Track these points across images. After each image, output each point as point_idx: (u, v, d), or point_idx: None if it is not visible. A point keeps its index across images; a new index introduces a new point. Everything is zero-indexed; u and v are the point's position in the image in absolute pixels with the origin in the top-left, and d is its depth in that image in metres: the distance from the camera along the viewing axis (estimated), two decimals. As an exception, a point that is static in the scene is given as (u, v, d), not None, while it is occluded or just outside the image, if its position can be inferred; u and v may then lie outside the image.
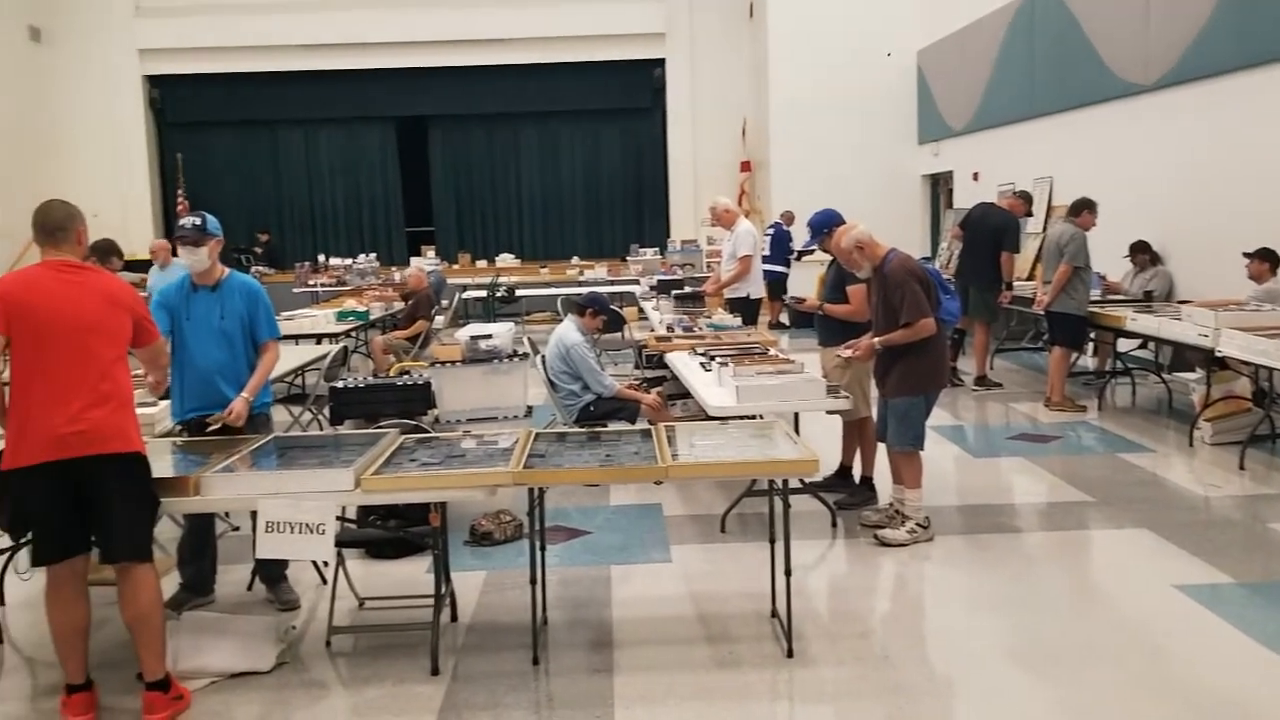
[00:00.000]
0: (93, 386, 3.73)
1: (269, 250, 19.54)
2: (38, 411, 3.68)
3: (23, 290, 3.74)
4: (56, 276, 3.80)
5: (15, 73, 18.86)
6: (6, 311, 3.69)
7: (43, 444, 3.67)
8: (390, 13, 19.57)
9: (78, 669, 3.83)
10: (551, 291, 14.98)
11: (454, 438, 4.81)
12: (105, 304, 3.84)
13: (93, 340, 3.76)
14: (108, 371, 3.79)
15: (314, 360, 8.28)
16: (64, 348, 3.71)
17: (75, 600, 3.82)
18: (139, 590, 3.84)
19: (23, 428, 3.69)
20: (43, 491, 3.70)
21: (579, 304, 7.30)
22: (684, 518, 6.21)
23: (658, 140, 20.88)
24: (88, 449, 3.70)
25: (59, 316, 3.72)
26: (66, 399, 3.69)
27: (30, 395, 3.69)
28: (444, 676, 4.14)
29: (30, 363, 3.70)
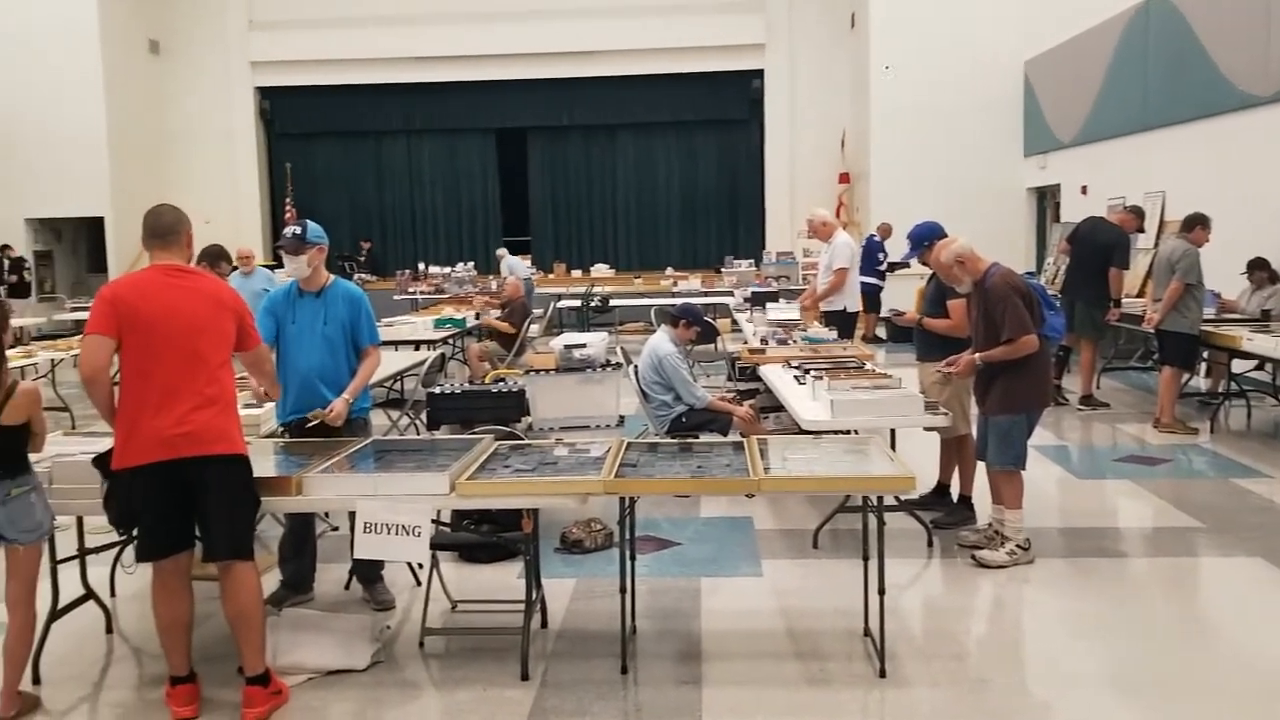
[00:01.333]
0: (199, 390, 3.82)
1: (371, 258, 20.02)
2: (146, 413, 3.77)
3: (134, 294, 3.83)
4: (165, 281, 3.89)
5: (135, 84, 19.70)
6: (118, 315, 3.78)
7: (151, 445, 3.77)
8: (492, 26, 19.92)
9: (181, 661, 3.95)
10: (645, 302, 15.03)
11: (547, 445, 4.85)
12: (212, 308, 3.93)
13: (200, 344, 3.85)
14: (214, 375, 3.88)
15: (412, 366, 8.44)
16: (173, 351, 3.80)
17: (179, 594, 3.94)
18: (240, 587, 3.94)
19: (132, 429, 3.79)
20: (150, 491, 3.80)
21: (673, 315, 7.30)
22: (775, 532, 6.15)
23: (755, 151, 20.83)
24: (193, 450, 3.80)
25: (168, 321, 3.81)
26: (174, 401, 3.78)
27: (139, 397, 3.79)
28: (533, 682, 4.16)
29: (140, 365, 3.79)
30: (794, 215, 19.45)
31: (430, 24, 19.97)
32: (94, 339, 3.78)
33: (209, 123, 20.75)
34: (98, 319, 3.79)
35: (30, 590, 4.00)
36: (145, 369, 3.78)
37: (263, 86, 21.10)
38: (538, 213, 21.97)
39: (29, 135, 18.45)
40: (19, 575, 3.97)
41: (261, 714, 3.87)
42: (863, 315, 11.95)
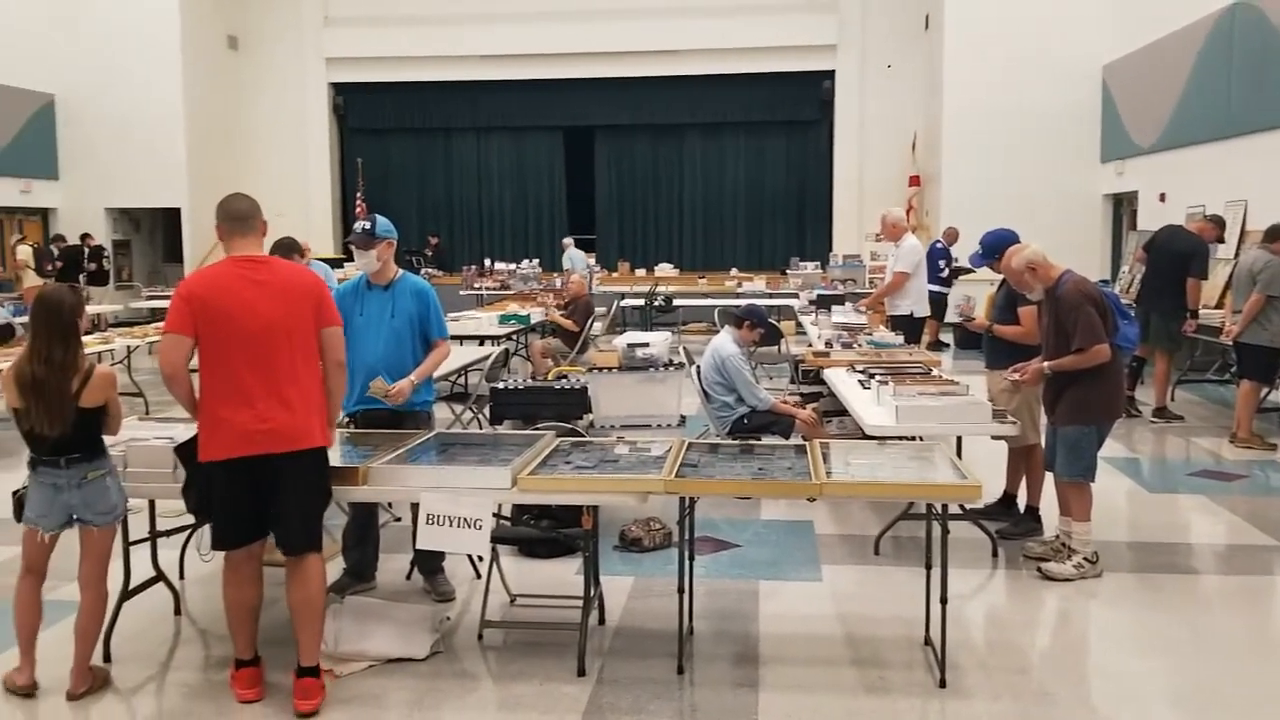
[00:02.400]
0: (279, 385, 3.85)
1: (438, 253, 20.23)
2: (227, 408, 3.81)
3: (209, 291, 3.84)
4: (241, 275, 3.88)
5: (213, 78, 20.15)
6: (194, 313, 3.80)
7: (232, 440, 3.81)
8: (563, 25, 20.03)
9: (247, 645, 4.02)
10: (709, 302, 14.99)
11: (608, 443, 4.85)
12: (289, 299, 3.90)
13: (277, 339, 3.86)
14: (294, 369, 3.89)
15: (476, 361, 8.50)
16: (250, 348, 3.82)
17: (251, 582, 4.01)
18: (309, 578, 3.99)
19: (213, 423, 3.83)
20: (230, 483, 3.86)
21: (736, 316, 7.27)
22: (836, 537, 6.10)
23: (823, 153, 20.68)
24: (273, 447, 3.84)
25: (245, 318, 3.81)
26: (253, 398, 3.81)
27: (219, 392, 3.82)
28: (590, 678, 4.17)
29: (218, 361, 3.82)
30: (862, 218, 19.29)
31: (502, 22, 20.14)
32: (172, 338, 3.82)
33: (283, 117, 21.15)
34: (175, 318, 3.82)
35: (102, 571, 4.10)
36: (224, 365, 3.82)
37: (336, 82, 21.45)
38: (603, 211, 22.05)
39: (111, 127, 18.97)
40: (92, 555, 4.07)
41: (315, 706, 3.91)
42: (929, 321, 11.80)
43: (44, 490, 3.94)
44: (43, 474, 3.94)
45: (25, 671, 4.01)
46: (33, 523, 3.96)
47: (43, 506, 3.94)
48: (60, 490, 3.93)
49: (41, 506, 3.94)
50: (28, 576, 4.04)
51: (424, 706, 3.99)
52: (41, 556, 4.02)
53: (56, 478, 3.93)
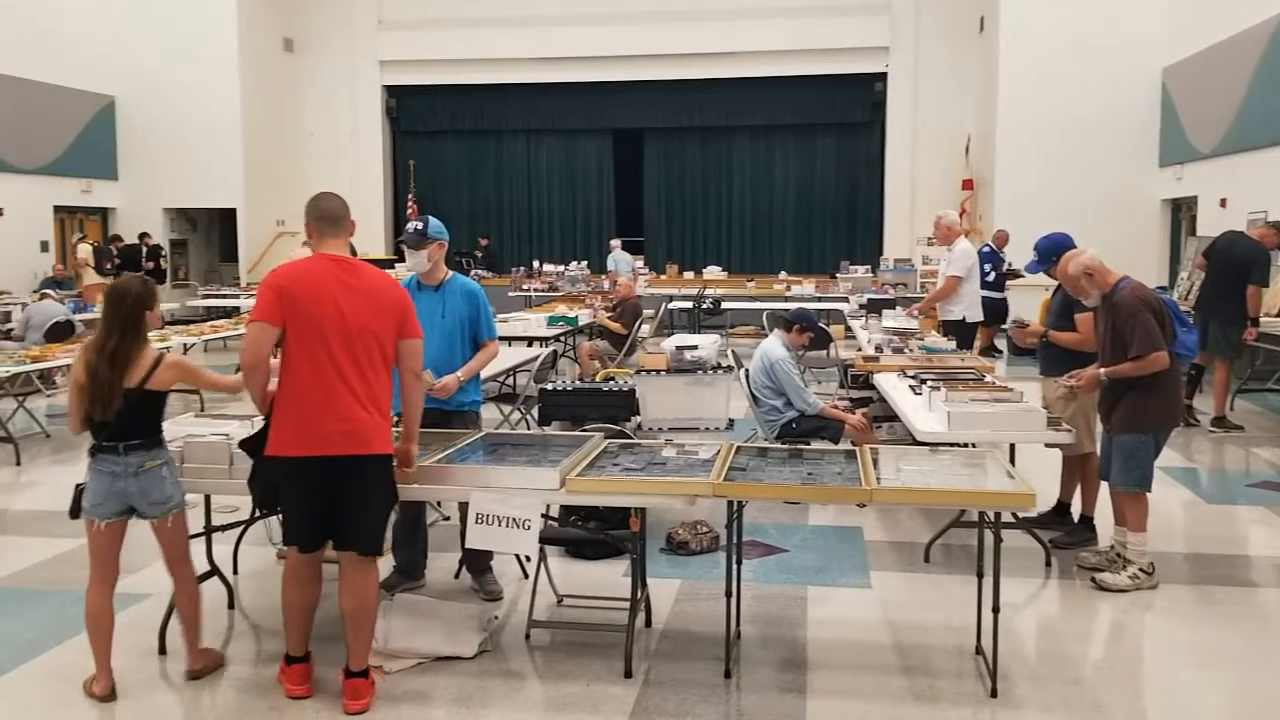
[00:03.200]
0: (360, 387, 3.82)
1: (488, 254, 20.35)
2: (308, 406, 3.77)
3: (300, 286, 3.79)
4: (333, 274, 3.84)
5: (270, 81, 20.46)
6: (283, 305, 3.76)
7: (311, 439, 3.78)
8: (613, 28, 20.09)
9: (301, 642, 4.04)
10: (757, 305, 14.93)
11: (656, 445, 4.85)
12: (377, 305, 3.88)
13: (364, 341, 3.83)
14: (376, 373, 3.89)
15: (525, 362, 8.55)
16: (336, 348, 3.78)
17: (313, 581, 4.01)
18: (366, 584, 3.99)
19: (292, 420, 3.80)
20: (302, 481, 3.84)
21: (786, 319, 7.23)
22: (885, 544, 6.04)
23: (875, 156, 20.55)
24: (351, 449, 3.81)
25: (335, 317, 3.78)
26: (334, 397, 3.78)
27: (300, 389, 3.78)
28: (636, 680, 4.17)
29: (303, 358, 3.78)
30: (914, 221, 19.13)
31: (553, 25, 20.24)
32: (260, 327, 3.77)
33: (337, 120, 21.42)
34: (265, 307, 3.77)
35: (182, 557, 4.18)
36: (308, 362, 3.78)
37: (390, 85, 21.67)
38: (652, 213, 22.07)
39: (169, 129, 19.33)
40: (168, 545, 4.15)
41: (365, 705, 3.93)
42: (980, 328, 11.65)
43: (102, 478, 4.01)
44: (101, 461, 4.01)
45: (102, 680, 4.05)
46: (89, 513, 4.02)
47: (100, 495, 4.01)
48: (117, 478, 4.00)
49: (98, 495, 4.01)
50: (98, 584, 4.07)
51: (471, 705, 4.01)
52: (106, 549, 4.05)
53: (114, 465, 4.00)
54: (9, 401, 9.37)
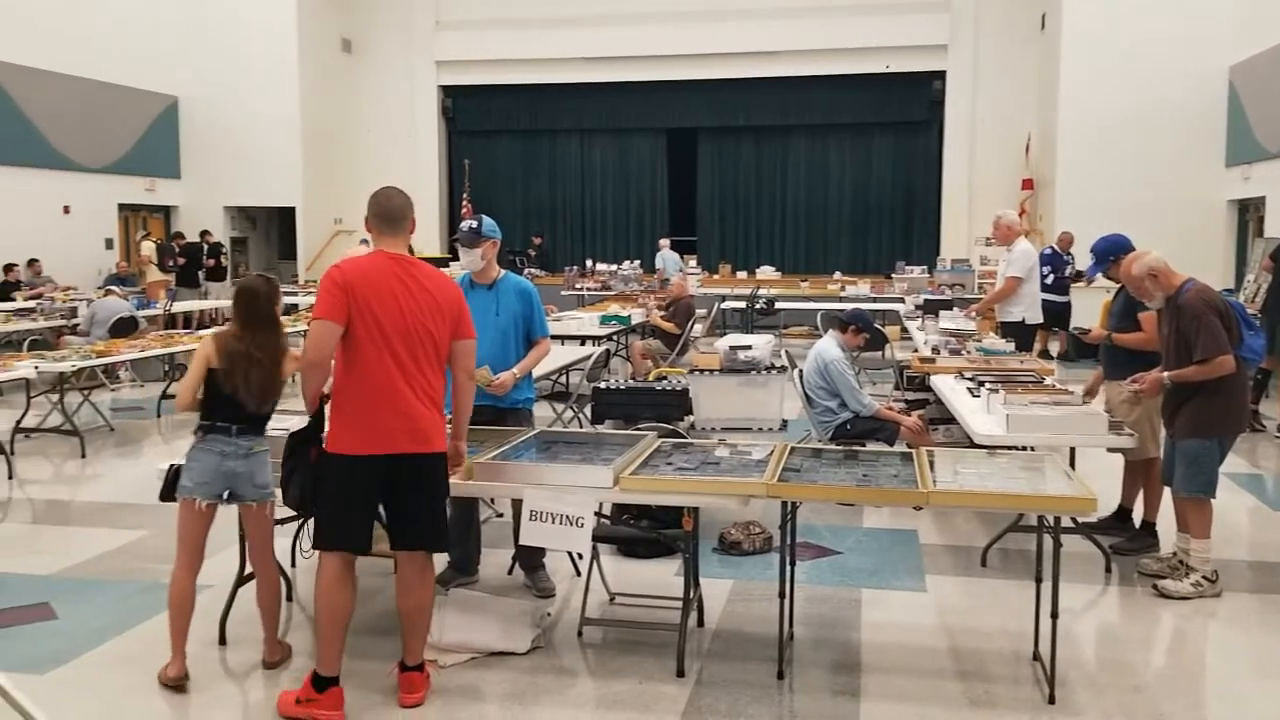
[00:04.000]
0: (420, 386, 3.80)
1: (541, 253, 20.45)
2: (372, 404, 3.72)
3: (365, 283, 3.74)
4: (395, 272, 3.80)
5: (328, 81, 20.75)
6: (347, 303, 3.70)
7: (376, 436, 3.73)
8: (667, 27, 20.08)
9: (338, 657, 3.83)
10: (811, 306, 14.85)
11: (709, 445, 4.84)
12: (437, 306, 3.86)
13: (424, 341, 3.81)
14: (432, 373, 3.88)
15: (578, 361, 8.58)
16: (399, 346, 3.75)
17: (352, 586, 3.88)
18: (426, 580, 3.99)
19: (355, 417, 3.74)
20: (359, 480, 3.77)
21: (841, 320, 7.17)
22: (940, 547, 5.98)
23: (932, 155, 20.35)
24: (415, 447, 3.78)
25: (399, 316, 3.75)
26: (398, 396, 3.74)
27: (364, 386, 3.73)
28: (689, 679, 4.16)
29: (366, 356, 3.73)
30: (972, 221, 18.90)
31: (607, 25, 20.28)
32: (325, 325, 3.71)
33: (394, 119, 21.65)
34: (330, 304, 3.70)
35: (268, 545, 4.23)
36: (372, 359, 3.73)
37: (446, 85, 21.85)
38: (705, 213, 22.04)
39: (230, 128, 19.68)
40: (257, 532, 4.22)
41: (421, 699, 3.96)
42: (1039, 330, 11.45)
43: (209, 457, 4.07)
44: (211, 441, 4.09)
45: (177, 664, 4.11)
46: (190, 492, 4.08)
47: (205, 474, 4.07)
48: (226, 458, 4.07)
49: (204, 474, 4.07)
50: (184, 567, 4.13)
51: (524, 700, 4.03)
52: (199, 532, 4.12)
53: (225, 445, 4.07)
54: (75, 395, 9.58)
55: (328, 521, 3.85)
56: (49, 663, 4.33)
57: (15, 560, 5.78)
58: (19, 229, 16.07)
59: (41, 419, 9.01)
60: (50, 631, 4.72)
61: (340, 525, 3.83)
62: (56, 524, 6.72)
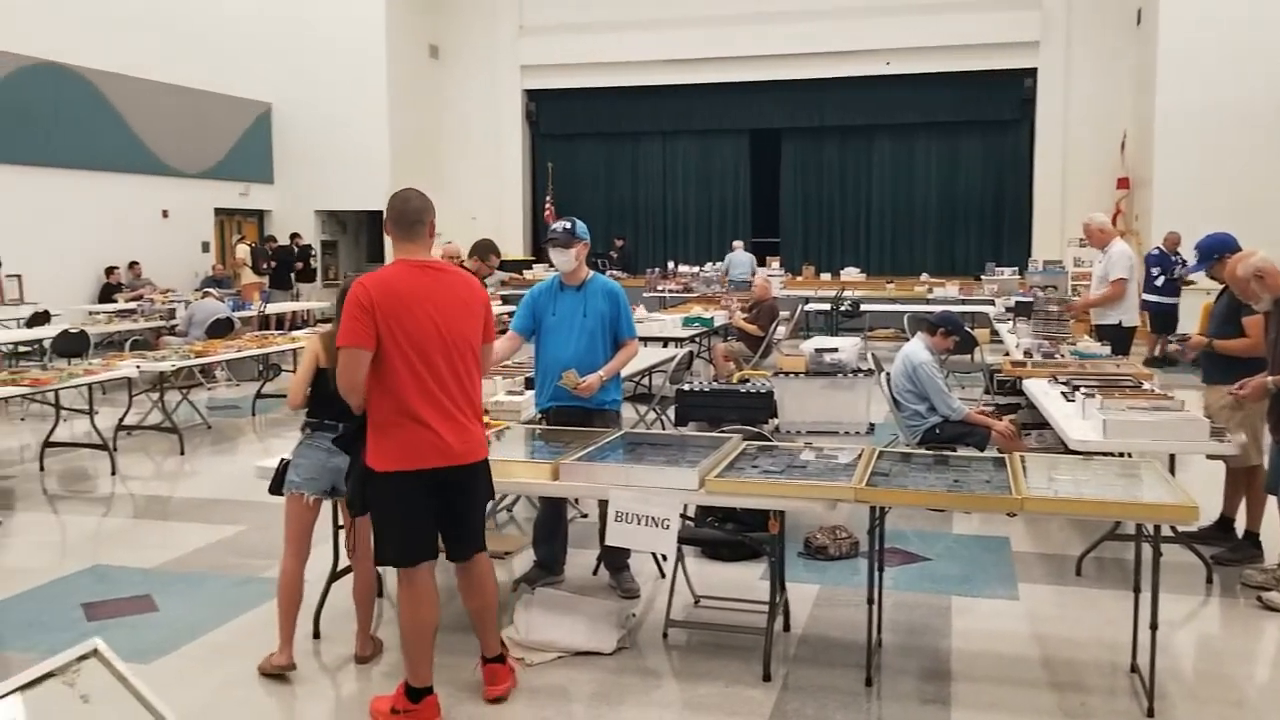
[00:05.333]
0: (461, 396, 3.73)
1: (623, 255, 20.51)
2: (417, 421, 3.63)
3: (392, 299, 3.61)
4: (422, 283, 3.68)
5: (415, 87, 21.12)
6: (375, 324, 3.58)
7: (424, 452, 3.65)
8: (750, 27, 20.02)
9: (430, 668, 3.79)
10: (897, 308, 14.65)
11: (794, 448, 4.80)
12: (468, 309, 3.78)
13: (460, 349, 3.73)
14: (471, 380, 3.79)
15: (661, 362, 8.59)
16: (439, 359, 3.67)
17: (435, 598, 3.85)
18: (487, 577, 3.99)
19: (400, 435, 3.64)
20: (421, 495, 3.70)
21: (931, 322, 7.05)
22: (1033, 555, 5.84)
23: (1023, 154, 19.92)
24: (466, 458, 3.74)
25: (432, 328, 3.65)
26: (442, 411, 3.66)
27: (407, 404, 3.62)
28: (775, 684, 4.13)
29: (405, 373, 3.62)
30: (1064, 222, 18.44)
31: (690, 27, 20.29)
32: (354, 354, 3.59)
33: (479, 124, 21.94)
34: (356, 330, 3.57)
35: (366, 543, 4.27)
36: (411, 378, 3.63)
37: (529, 89, 22.07)
38: (788, 214, 21.89)
39: (321, 133, 20.15)
40: (360, 528, 4.28)
41: (507, 690, 4.00)
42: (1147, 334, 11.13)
43: (317, 454, 4.19)
44: (318, 439, 4.20)
45: (285, 653, 4.22)
46: (297, 487, 4.19)
47: (313, 470, 4.18)
48: (332, 455, 4.16)
49: (311, 470, 4.18)
50: (293, 559, 4.24)
51: (609, 700, 4.04)
52: (306, 525, 4.23)
53: (331, 443, 4.17)
54: (174, 394, 9.88)
55: (391, 539, 3.77)
56: (152, 653, 4.47)
57: (118, 553, 5.99)
58: (120, 233, 16.67)
59: (142, 417, 9.32)
60: (152, 623, 4.87)
61: (404, 541, 3.75)
62: (157, 519, 6.95)
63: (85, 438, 8.57)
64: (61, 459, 8.32)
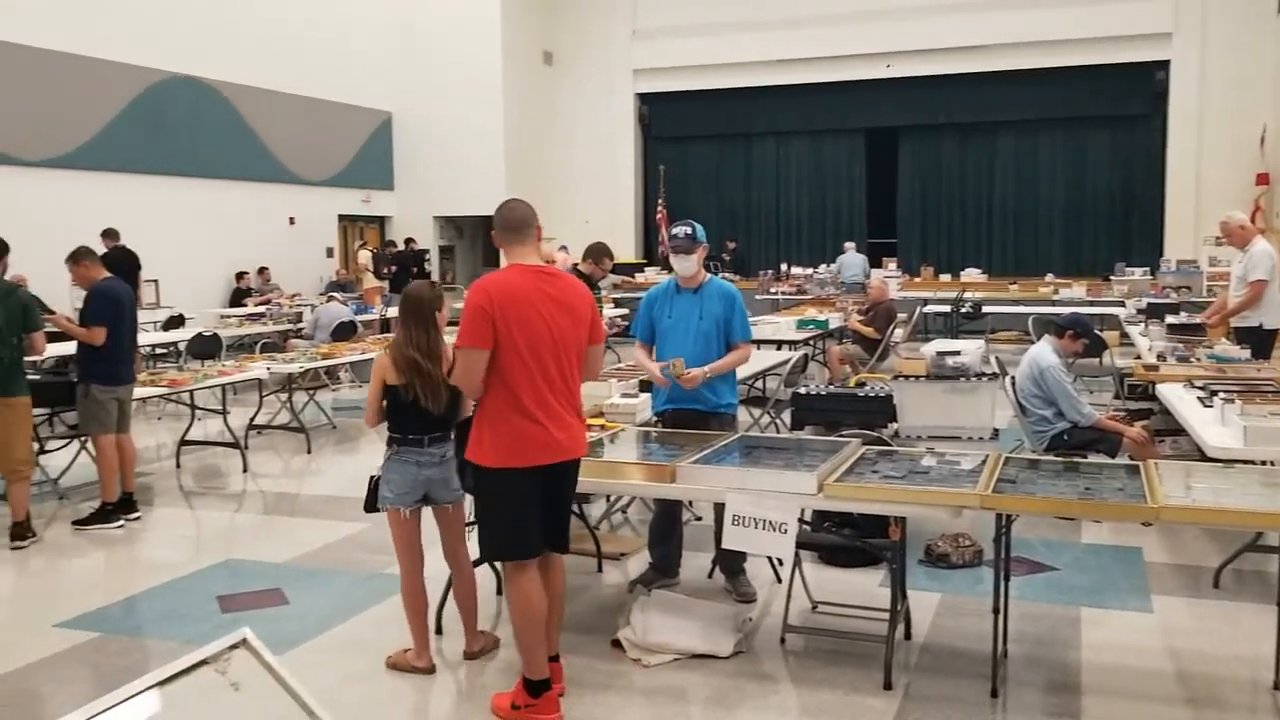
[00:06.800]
0: (566, 395, 3.86)
1: (736, 257, 20.44)
2: (528, 419, 3.74)
3: (507, 300, 3.74)
4: (534, 285, 3.81)
5: (531, 92, 21.43)
6: (493, 325, 3.71)
7: (534, 449, 3.76)
8: (865, 25, 19.78)
9: (544, 660, 3.87)
10: (1021, 309, 14.23)
11: (915, 453, 4.70)
12: (577, 314, 3.90)
13: (567, 351, 3.85)
14: (575, 380, 3.92)
15: (775, 365, 8.52)
16: (549, 359, 3.78)
17: (540, 588, 3.89)
18: (561, 572, 4.09)
19: (512, 432, 3.75)
20: (531, 491, 3.80)
21: (1059, 325, 6.81)
22: (1168, 566, 5.60)
23: (1155, 149, 19.16)
24: (572, 453, 3.87)
25: (544, 329, 3.77)
26: (550, 410, 3.78)
27: (519, 402, 3.73)
28: (896, 693, 4.06)
29: (518, 371, 3.74)
30: (1199, 220, 17.69)
31: (802, 26, 20.13)
32: (474, 354, 3.73)
33: (591, 128, 22.14)
34: (475, 331, 3.72)
35: (462, 542, 4.39)
36: (519, 376, 3.74)
37: (642, 92, 22.17)
38: (905, 214, 21.47)
39: (438, 141, 20.60)
40: (452, 533, 4.39)
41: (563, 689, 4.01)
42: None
43: (406, 468, 4.27)
44: (405, 453, 4.28)
45: (424, 656, 4.35)
46: (391, 503, 4.29)
47: (403, 485, 4.27)
48: (422, 467, 4.26)
49: (402, 485, 4.27)
50: (409, 569, 4.34)
51: (726, 704, 4.02)
52: (412, 536, 4.34)
53: (419, 456, 4.26)
54: (301, 394, 10.22)
55: (499, 536, 3.88)
56: (284, 645, 4.61)
57: (250, 548, 6.23)
58: (249, 239, 17.32)
59: (272, 416, 9.66)
60: (283, 616, 5.04)
61: (512, 537, 3.85)
62: (285, 515, 7.19)
63: (218, 436, 8.93)
64: (196, 457, 8.68)
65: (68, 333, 6.96)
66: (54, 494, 7.35)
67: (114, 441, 6.65)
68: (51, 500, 7.25)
